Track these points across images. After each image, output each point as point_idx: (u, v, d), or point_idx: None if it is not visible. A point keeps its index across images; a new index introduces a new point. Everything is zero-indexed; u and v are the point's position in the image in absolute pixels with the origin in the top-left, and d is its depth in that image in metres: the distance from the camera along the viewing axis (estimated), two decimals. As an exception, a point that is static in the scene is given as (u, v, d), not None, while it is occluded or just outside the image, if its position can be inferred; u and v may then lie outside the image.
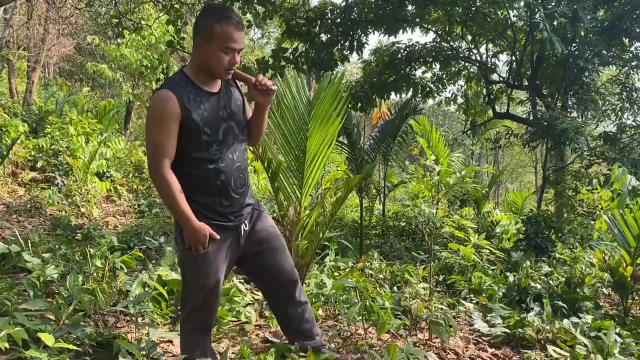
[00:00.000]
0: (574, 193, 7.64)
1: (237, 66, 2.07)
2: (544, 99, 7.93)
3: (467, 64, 8.99)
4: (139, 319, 2.99)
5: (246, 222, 2.19)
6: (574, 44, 7.33)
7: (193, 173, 2.06)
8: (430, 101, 9.77)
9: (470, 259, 4.80)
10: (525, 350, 3.06)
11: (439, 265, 4.80)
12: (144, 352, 2.47)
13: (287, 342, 2.43)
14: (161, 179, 1.99)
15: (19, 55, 14.42)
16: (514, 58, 8.28)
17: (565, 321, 3.39)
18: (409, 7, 8.01)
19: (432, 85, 8.88)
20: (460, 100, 9.63)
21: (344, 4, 7.85)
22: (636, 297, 4.02)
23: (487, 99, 8.95)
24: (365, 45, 7.97)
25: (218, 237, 2.06)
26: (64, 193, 7.73)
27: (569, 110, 7.81)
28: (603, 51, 7.45)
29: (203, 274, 2.11)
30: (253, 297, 3.55)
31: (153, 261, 4.18)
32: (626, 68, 8.31)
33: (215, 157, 2.05)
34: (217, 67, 2.00)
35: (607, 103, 8.59)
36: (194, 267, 2.12)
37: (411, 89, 8.55)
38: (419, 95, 8.63)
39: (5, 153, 5.32)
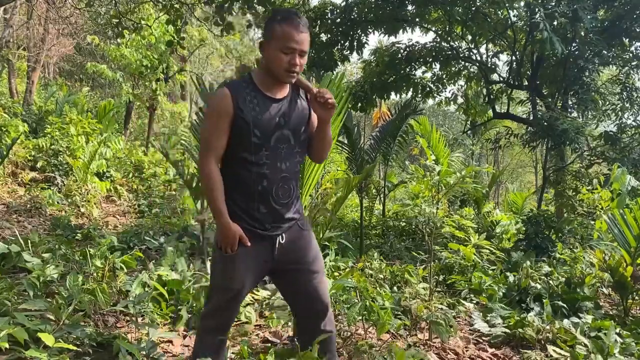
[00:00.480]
0: (574, 193, 7.64)
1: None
2: (544, 99, 7.93)
3: (467, 64, 8.99)
4: (139, 319, 2.99)
5: (284, 235, 2.10)
6: (574, 44, 7.33)
7: (238, 173, 2.05)
8: (430, 101, 9.78)
9: (471, 259, 4.80)
10: (525, 350, 3.06)
11: (439, 265, 4.80)
12: (144, 352, 2.47)
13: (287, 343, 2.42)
14: (203, 173, 2.04)
15: (19, 55, 14.42)
16: (514, 58, 8.29)
17: (565, 321, 3.40)
18: (409, 7, 8.01)
19: (432, 85, 8.88)
20: (460, 100, 9.63)
21: (344, 4, 7.85)
22: (636, 297, 4.02)
23: (487, 99, 8.95)
24: (365, 45, 7.98)
25: (248, 243, 2.02)
26: (64, 193, 7.73)
27: (569, 110, 7.81)
28: (603, 51, 7.45)
29: (228, 277, 2.07)
30: (253, 297, 3.55)
31: (153, 261, 4.18)
32: (626, 68, 8.31)
33: (261, 162, 2.01)
34: (277, 67, 1.98)
35: (607, 103, 8.59)
36: (221, 267, 2.10)
37: (411, 89, 8.56)
38: (419, 95, 8.63)
39: (5, 153, 5.32)
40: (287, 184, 2.07)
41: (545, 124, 6.58)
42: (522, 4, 7.64)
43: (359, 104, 8.30)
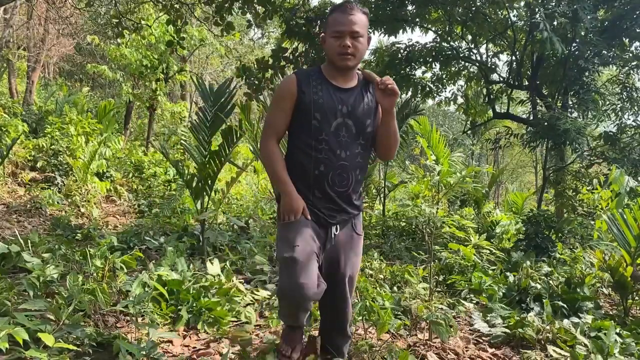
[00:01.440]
0: (574, 193, 7.64)
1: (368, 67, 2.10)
2: (544, 99, 7.93)
3: (467, 64, 8.99)
4: (139, 319, 2.99)
5: (338, 227, 2.15)
6: (574, 44, 7.33)
7: (298, 157, 2.11)
8: (430, 101, 9.78)
9: (471, 259, 4.81)
10: (525, 350, 3.06)
11: (439, 265, 4.80)
12: (144, 352, 2.47)
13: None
14: (264, 150, 2.12)
15: (19, 55, 14.43)
16: (514, 58, 8.29)
17: (565, 321, 3.39)
18: (409, 7, 8.00)
19: (432, 85, 8.88)
20: (460, 100, 9.64)
21: (344, 4, 7.85)
22: (636, 297, 4.02)
23: (487, 99, 8.95)
24: (365, 45, 7.97)
25: (309, 216, 2.07)
26: (64, 193, 7.73)
27: (569, 110, 7.81)
28: (603, 51, 7.45)
29: (292, 245, 2.01)
30: (253, 297, 3.55)
31: (153, 261, 4.18)
32: (626, 68, 8.31)
33: (320, 147, 2.06)
34: (331, 54, 2.05)
35: (607, 103, 8.59)
36: (285, 237, 2.07)
37: (411, 89, 8.55)
38: (419, 95, 8.63)
39: (5, 153, 5.32)
40: (345, 172, 2.09)
41: (545, 124, 6.58)
42: (522, 4, 7.64)
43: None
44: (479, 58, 8.75)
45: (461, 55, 8.53)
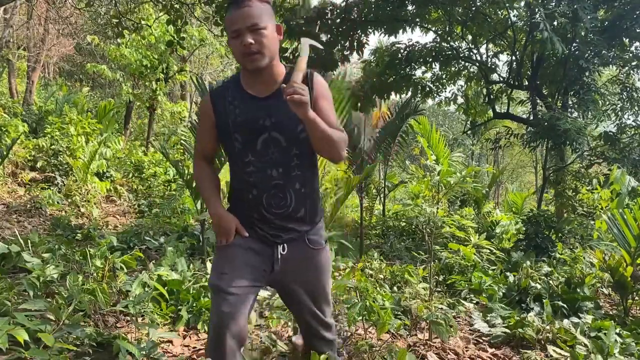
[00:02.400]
0: (574, 193, 7.64)
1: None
2: (544, 99, 7.93)
3: (467, 64, 8.98)
4: (139, 319, 2.99)
5: (285, 246, 1.91)
6: (574, 44, 7.33)
7: (233, 179, 1.96)
8: (430, 101, 9.77)
9: (471, 259, 4.81)
10: (525, 350, 3.06)
11: (439, 265, 4.80)
12: (144, 352, 2.47)
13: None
14: (193, 171, 2.04)
15: (19, 55, 14.43)
16: (514, 58, 8.28)
17: (565, 321, 3.40)
18: (409, 7, 8.00)
19: (432, 85, 8.87)
20: (460, 100, 9.63)
21: (344, 4, 7.85)
22: (636, 297, 4.02)
23: (487, 99, 8.94)
24: (366, 45, 7.97)
25: (245, 233, 1.88)
26: (64, 193, 7.73)
27: (569, 110, 7.80)
28: (603, 51, 7.44)
29: (219, 272, 1.87)
30: (253, 297, 3.54)
31: (153, 261, 4.18)
32: (626, 68, 8.31)
33: (248, 169, 1.85)
34: (237, 57, 1.80)
35: (607, 103, 8.59)
36: (215, 263, 1.94)
37: (411, 89, 8.55)
38: (419, 95, 8.63)
39: (5, 153, 5.32)
40: (281, 192, 1.85)
41: (545, 124, 6.58)
42: (522, 4, 7.64)
43: (359, 104, 8.30)
44: (479, 58, 8.75)
45: (461, 55, 8.52)
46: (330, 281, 2.09)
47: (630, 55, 8.09)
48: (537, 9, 6.38)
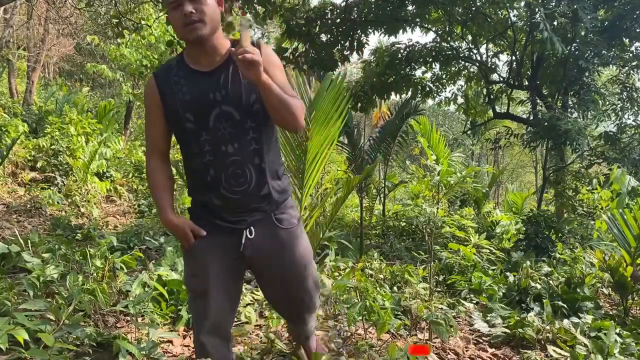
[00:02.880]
0: (574, 193, 7.65)
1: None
2: (544, 99, 7.93)
3: (467, 64, 8.99)
4: (139, 319, 2.99)
5: (252, 229, 1.82)
6: (574, 44, 7.33)
7: (188, 165, 1.85)
8: (430, 101, 9.78)
9: (471, 259, 4.81)
10: (525, 351, 3.06)
11: (439, 265, 4.80)
12: (144, 352, 2.47)
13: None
14: (146, 171, 1.90)
15: (19, 55, 14.42)
16: (514, 58, 8.29)
17: (565, 321, 3.39)
18: (409, 7, 8.00)
19: (432, 85, 8.88)
20: (460, 100, 9.63)
21: (344, 4, 7.85)
22: (636, 297, 4.02)
23: (487, 99, 8.95)
24: (366, 45, 7.97)
25: (203, 232, 1.81)
26: (64, 193, 7.73)
27: (569, 110, 7.81)
28: (603, 51, 7.45)
29: (190, 274, 1.89)
30: (253, 297, 3.55)
31: (153, 261, 4.18)
32: (626, 68, 8.31)
33: (204, 149, 1.75)
34: (177, 29, 1.71)
35: (607, 103, 8.59)
36: (185, 266, 1.94)
37: (411, 89, 8.56)
38: (419, 95, 8.63)
39: (5, 153, 5.32)
40: (240, 168, 1.76)
41: (546, 124, 6.58)
42: (522, 4, 7.65)
43: (359, 104, 8.30)
44: (479, 58, 8.75)
45: (461, 55, 8.53)
46: (313, 261, 2.01)
47: (630, 55, 8.10)
48: (537, 9, 6.38)
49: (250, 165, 1.78)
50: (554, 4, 7.08)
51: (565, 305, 3.77)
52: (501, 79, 9.17)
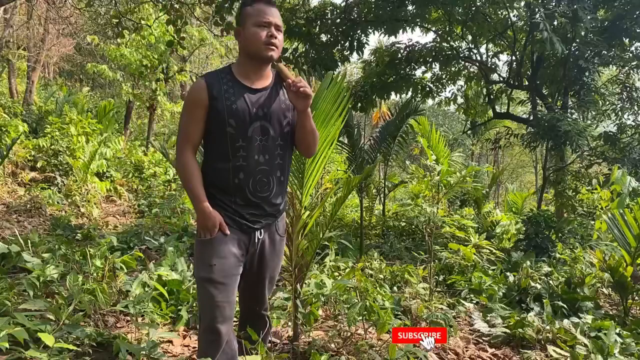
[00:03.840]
0: (574, 193, 7.64)
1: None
2: (544, 99, 7.93)
3: (467, 64, 8.98)
4: (139, 319, 2.99)
5: (262, 231, 2.08)
6: (574, 44, 7.33)
7: (216, 165, 2.02)
8: (430, 101, 9.78)
9: (471, 259, 4.81)
10: (525, 350, 3.06)
11: (439, 265, 4.80)
12: (144, 352, 2.47)
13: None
14: (180, 162, 2.02)
15: (19, 55, 14.42)
16: (514, 58, 8.28)
17: (565, 321, 3.39)
18: (409, 7, 8.00)
19: (432, 85, 8.87)
20: (460, 100, 9.63)
21: (343, 4, 7.85)
22: (636, 297, 4.02)
23: (487, 99, 8.94)
24: (366, 45, 7.97)
25: (227, 231, 1.99)
26: (64, 193, 7.73)
27: (570, 110, 7.80)
28: (603, 51, 7.44)
29: (208, 264, 1.98)
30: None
31: (153, 261, 4.18)
32: (626, 68, 8.31)
33: (238, 154, 1.97)
34: (256, 44, 1.94)
35: (607, 103, 8.59)
36: (201, 256, 2.03)
37: (411, 89, 8.55)
38: (419, 95, 8.63)
39: (5, 153, 5.31)
40: (266, 177, 2.02)
41: (546, 124, 6.58)
42: (522, 4, 7.63)
43: (359, 104, 8.30)
44: (479, 58, 8.75)
45: (461, 55, 8.53)
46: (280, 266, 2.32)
47: (630, 55, 8.09)
48: (537, 9, 6.38)
49: (274, 176, 2.05)
50: (554, 4, 7.07)
51: (565, 305, 3.77)
52: (501, 79, 9.17)
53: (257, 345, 2.21)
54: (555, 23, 6.44)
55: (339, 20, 7.84)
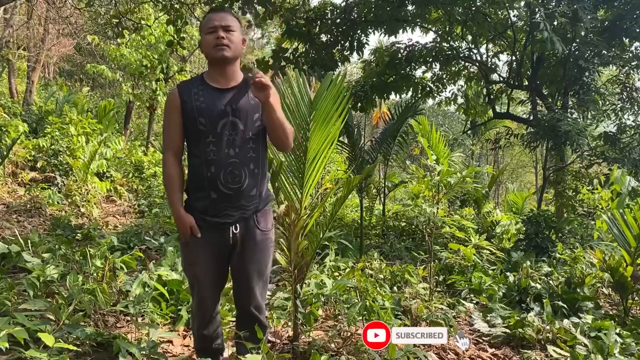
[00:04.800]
0: (574, 193, 7.64)
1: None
2: (544, 99, 7.93)
3: (467, 64, 8.98)
4: (139, 319, 2.99)
5: (238, 225, 2.19)
6: (574, 44, 7.33)
7: (193, 162, 2.18)
8: (430, 101, 9.78)
9: (471, 259, 4.80)
10: (525, 350, 3.06)
11: (439, 265, 4.80)
12: (144, 352, 2.47)
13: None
14: (163, 167, 2.23)
15: (19, 55, 14.41)
16: (514, 58, 8.28)
17: (565, 321, 3.39)
18: (409, 7, 8.00)
19: (432, 85, 8.87)
20: (460, 100, 9.63)
21: (344, 4, 7.85)
22: (636, 297, 4.02)
23: (487, 99, 8.94)
24: (366, 45, 7.97)
25: (198, 234, 2.16)
26: (64, 193, 7.73)
27: (569, 110, 7.80)
28: (603, 51, 7.44)
29: (187, 263, 2.27)
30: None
31: (153, 261, 4.18)
32: (626, 68, 8.30)
33: (209, 149, 2.12)
34: (207, 48, 2.13)
35: (607, 103, 8.58)
36: (183, 256, 2.29)
37: (411, 89, 8.55)
38: (419, 95, 8.63)
39: (5, 153, 5.32)
40: (237, 169, 2.14)
41: (546, 124, 6.57)
42: (522, 4, 7.64)
43: (359, 104, 8.30)
44: (479, 58, 8.74)
45: (461, 55, 8.52)
46: (271, 264, 2.37)
47: (630, 55, 8.09)
48: (537, 9, 6.38)
49: (246, 168, 2.16)
50: (554, 4, 7.07)
51: (565, 305, 3.77)
52: (501, 79, 9.16)
53: (254, 348, 2.20)
54: (555, 23, 6.44)
55: (339, 20, 7.84)
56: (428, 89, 8.77)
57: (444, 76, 9.00)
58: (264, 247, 2.28)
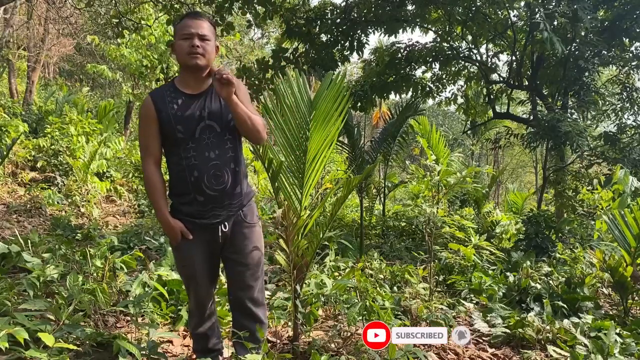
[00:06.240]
0: (574, 193, 7.64)
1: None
2: (544, 99, 7.93)
3: (467, 64, 8.98)
4: (139, 319, 2.99)
5: (226, 224, 2.25)
6: (574, 44, 7.32)
7: (174, 169, 2.23)
8: (430, 101, 9.77)
9: (471, 259, 4.80)
10: (525, 351, 3.06)
11: (439, 265, 4.80)
12: (144, 352, 2.47)
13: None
14: (144, 176, 2.26)
15: (19, 55, 14.42)
16: (514, 58, 8.28)
17: (566, 321, 3.39)
18: (409, 7, 8.00)
19: (432, 85, 8.87)
20: (460, 100, 9.63)
21: (344, 4, 7.85)
22: (636, 297, 4.02)
23: (487, 99, 8.94)
24: (366, 45, 7.97)
25: (190, 236, 2.21)
26: (64, 193, 7.73)
27: (569, 110, 7.80)
28: (603, 51, 7.44)
29: (181, 265, 2.35)
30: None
31: (153, 261, 4.18)
32: (626, 68, 8.30)
33: (189, 154, 2.17)
34: (181, 55, 2.15)
35: (607, 103, 8.58)
36: (175, 259, 2.38)
37: (411, 89, 8.54)
38: (419, 95, 8.62)
39: (5, 153, 5.31)
40: (219, 170, 2.18)
41: (546, 124, 6.57)
42: (522, 4, 7.63)
43: (359, 104, 8.29)
44: (479, 58, 8.74)
45: (461, 55, 8.52)
46: (263, 258, 2.42)
47: (630, 55, 8.09)
48: (537, 9, 6.37)
49: (228, 168, 2.21)
50: (554, 4, 7.06)
51: (565, 305, 3.77)
52: (501, 79, 9.16)
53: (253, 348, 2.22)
54: (555, 23, 6.44)
55: (339, 20, 7.83)
56: (428, 89, 8.76)
57: (444, 76, 9.00)
58: (255, 239, 2.34)
